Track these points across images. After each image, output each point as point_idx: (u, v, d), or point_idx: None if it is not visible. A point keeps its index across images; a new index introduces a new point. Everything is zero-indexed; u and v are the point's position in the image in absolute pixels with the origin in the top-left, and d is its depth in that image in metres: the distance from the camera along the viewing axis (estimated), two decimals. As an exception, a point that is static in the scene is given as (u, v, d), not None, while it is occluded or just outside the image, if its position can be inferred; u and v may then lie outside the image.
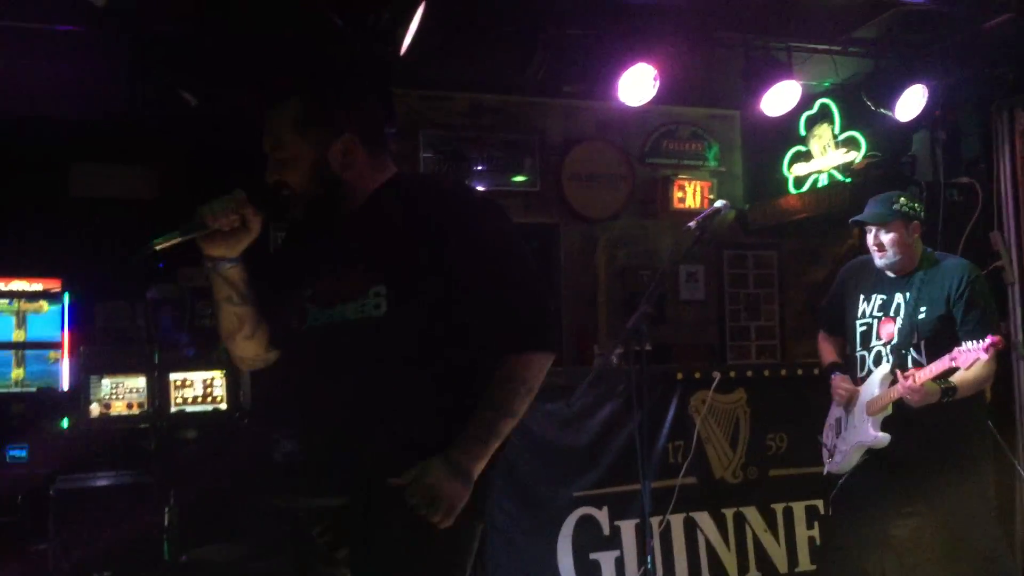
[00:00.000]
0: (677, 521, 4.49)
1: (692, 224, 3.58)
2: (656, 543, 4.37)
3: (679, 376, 4.57)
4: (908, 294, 3.64)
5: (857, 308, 3.81)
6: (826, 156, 6.12)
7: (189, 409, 5.56)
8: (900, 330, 3.62)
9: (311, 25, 3.61)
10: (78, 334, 5.44)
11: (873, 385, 3.64)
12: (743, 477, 4.65)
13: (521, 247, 2.20)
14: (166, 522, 4.79)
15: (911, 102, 4.95)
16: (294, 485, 2.30)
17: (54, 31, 4.37)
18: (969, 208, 5.18)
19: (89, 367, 5.37)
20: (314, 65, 4.01)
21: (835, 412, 3.88)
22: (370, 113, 2.29)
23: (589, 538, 4.32)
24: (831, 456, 3.85)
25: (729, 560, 4.56)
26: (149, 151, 5.64)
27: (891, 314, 3.67)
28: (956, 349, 3.34)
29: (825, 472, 3.90)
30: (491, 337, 2.12)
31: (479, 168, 6.26)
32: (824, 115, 6.13)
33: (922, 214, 3.75)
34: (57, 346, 5.42)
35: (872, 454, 3.67)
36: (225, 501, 4.62)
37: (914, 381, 3.38)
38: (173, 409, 5.52)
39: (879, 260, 3.70)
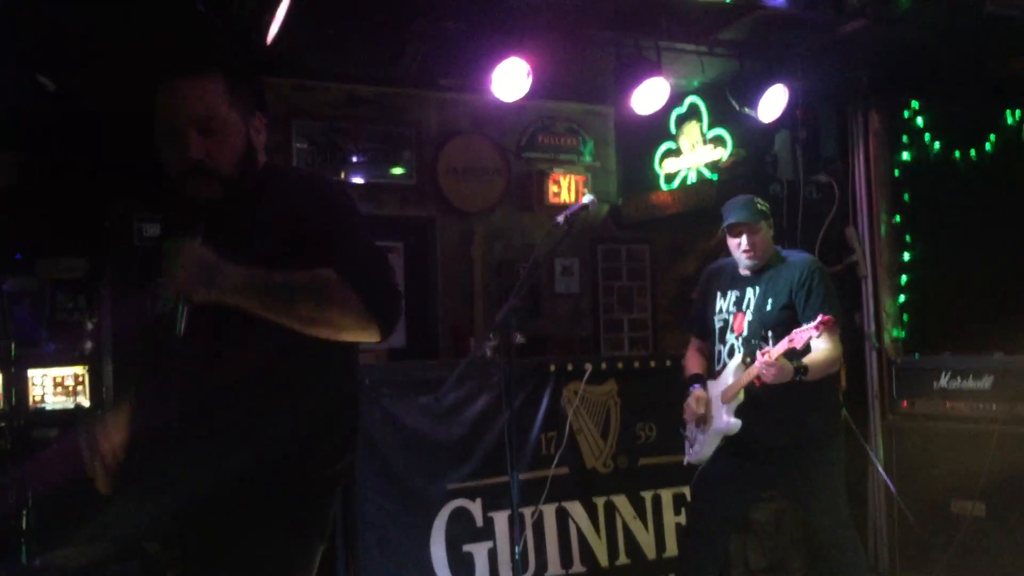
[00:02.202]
0: (549, 511, 4.56)
1: (560, 219, 3.63)
2: (528, 533, 4.43)
3: (552, 368, 4.64)
4: (758, 288, 3.82)
5: (715, 305, 3.97)
6: (695, 153, 6.30)
7: (49, 406, 5.36)
8: (750, 323, 3.79)
9: (172, 9, 3.50)
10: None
11: (727, 375, 3.78)
12: (614, 466, 4.76)
13: (371, 234, 2.21)
14: (24, 524, 4.61)
15: (773, 102, 5.13)
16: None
17: None
18: (827, 205, 5.42)
19: (-62, 363, 5.11)
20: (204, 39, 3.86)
21: None
22: (263, 95, 2.29)
23: (462, 530, 4.35)
24: (691, 446, 3.98)
25: (600, 548, 4.66)
26: (5, 137, 5.37)
27: (743, 309, 3.84)
28: (793, 331, 3.51)
29: (685, 462, 4.03)
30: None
31: (355, 160, 6.18)
32: (693, 113, 6.31)
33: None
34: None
35: (729, 441, 3.81)
36: (85, 501, 4.46)
37: (769, 357, 3.52)
38: (31, 407, 5.31)
39: (747, 261, 3.84)
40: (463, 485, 4.38)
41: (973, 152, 5.65)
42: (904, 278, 5.41)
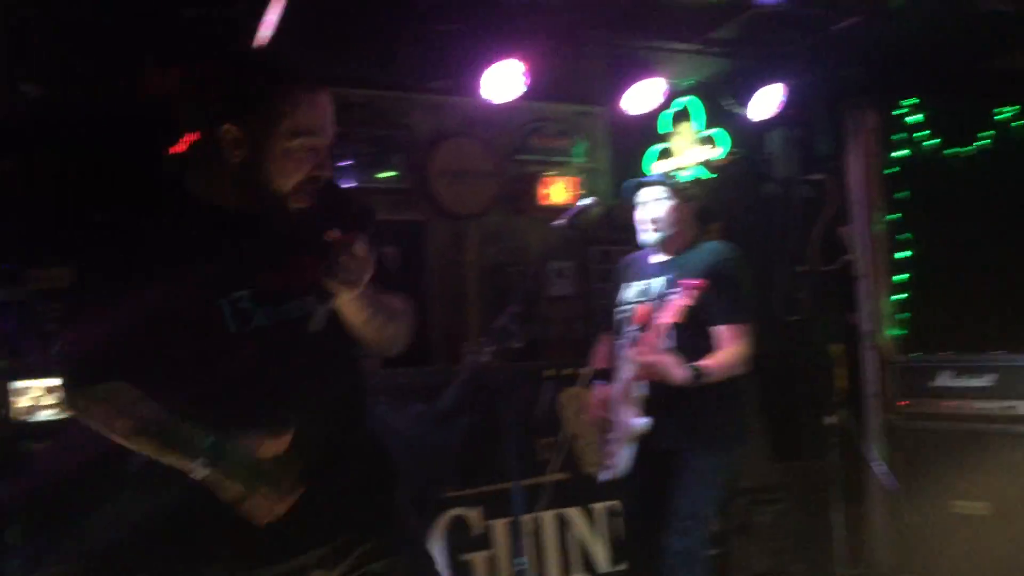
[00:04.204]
0: (549, 518, 4.51)
1: (562, 221, 3.57)
2: (528, 541, 4.37)
3: (548, 373, 4.58)
4: (665, 279, 3.57)
5: (618, 297, 3.76)
6: (689, 153, 6.25)
7: (34, 419, 5.26)
8: (651, 314, 3.49)
9: (156, 14, 3.42)
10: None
11: (624, 370, 3.56)
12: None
13: None
14: (7, 543, 4.52)
15: (766, 101, 5.10)
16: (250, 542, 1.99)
17: None
18: (822, 204, 5.39)
19: (-83, 374, 5.02)
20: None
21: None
22: None
23: (461, 538, 4.29)
24: (607, 460, 3.66)
25: (601, 554, 4.60)
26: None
27: (646, 299, 3.59)
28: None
29: (600, 480, 3.73)
30: None
31: (345, 163, 6.11)
32: (686, 113, 6.25)
33: (702, 200, 3.72)
34: None
35: (643, 445, 3.52)
36: (77, 518, 4.38)
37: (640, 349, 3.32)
38: (14, 419, 5.21)
39: (645, 237, 3.64)
40: (461, 493, 4.32)
41: (968, 148, 5.62)
42: (901, 277, 5.38)
